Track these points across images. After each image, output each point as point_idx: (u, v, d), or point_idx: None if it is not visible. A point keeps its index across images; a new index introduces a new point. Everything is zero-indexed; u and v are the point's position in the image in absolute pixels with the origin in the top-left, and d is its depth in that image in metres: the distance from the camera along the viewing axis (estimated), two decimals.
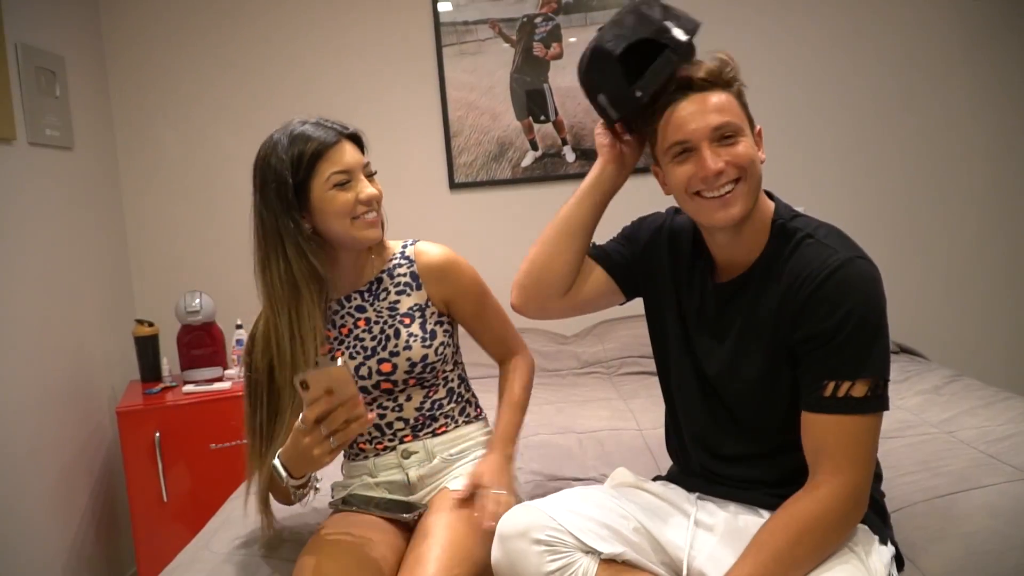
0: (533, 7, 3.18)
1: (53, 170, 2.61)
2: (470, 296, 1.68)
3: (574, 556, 1.32)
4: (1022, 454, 1.73)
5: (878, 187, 3.23)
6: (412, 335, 1.60)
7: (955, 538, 1.48)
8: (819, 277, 1.28)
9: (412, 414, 1.63)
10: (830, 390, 1.26)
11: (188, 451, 2.60)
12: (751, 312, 1.38)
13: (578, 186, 1.61)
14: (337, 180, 1.53)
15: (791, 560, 1.24)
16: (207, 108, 3.20)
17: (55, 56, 2.65)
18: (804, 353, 1.30)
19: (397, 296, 1.64)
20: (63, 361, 2.54)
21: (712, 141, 1.31)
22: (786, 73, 3.19)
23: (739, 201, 1.32)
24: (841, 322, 1.25)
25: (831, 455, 1.26)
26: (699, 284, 1.47)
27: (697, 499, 1.47)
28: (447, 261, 1.66)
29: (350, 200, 1.53)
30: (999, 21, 3.16)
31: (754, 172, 1.33)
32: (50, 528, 2.36)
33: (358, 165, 1.56)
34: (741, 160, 1.31)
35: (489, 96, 3.20)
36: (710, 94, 1.32)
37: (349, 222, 1.54)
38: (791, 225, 1.38)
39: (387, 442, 1.64)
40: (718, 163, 1.30)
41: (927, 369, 2.54)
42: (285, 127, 1.59)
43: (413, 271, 1.66)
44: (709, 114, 1.31)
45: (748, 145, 1.32)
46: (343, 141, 1.56)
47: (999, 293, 3.26)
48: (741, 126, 1.32)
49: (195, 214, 3.23)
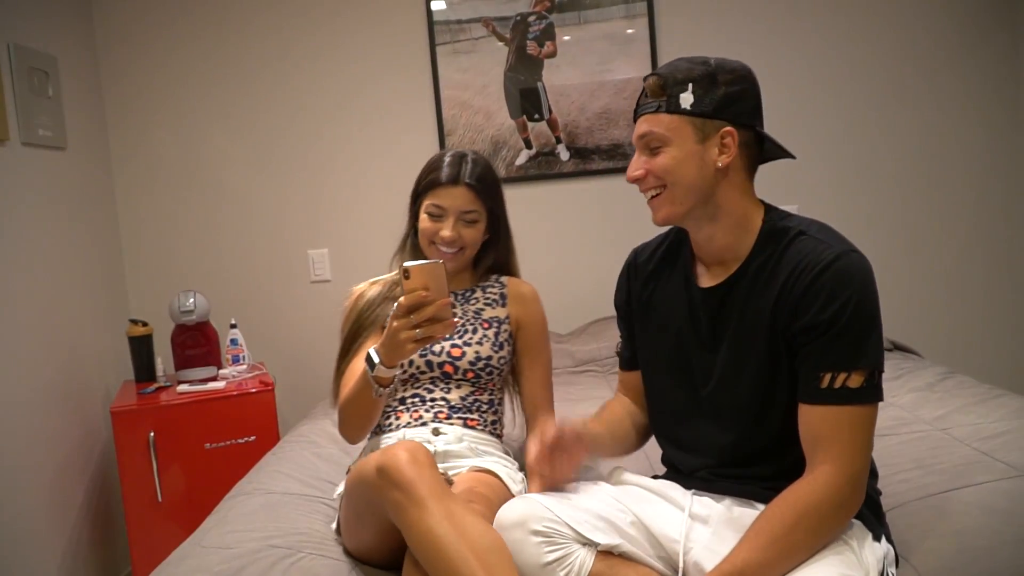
0: (527, 5, 3.17)
1: (46, 170, 2.60)
2: (536, 328, 1.90)
3: (571, 547, 1.34)
4: (1015, 451, 1.73)
5: (871, 186, 3.24)
6: (486, 337, 1.83)
7: (948, 535, 1.48)
8: (816, 268, 1.31)
9: (456, 400, 1.79)
10: (827, 381, 1.29)
11: (182, 451, 2.60)
12: (745, 311, 1.40)
13: (572, 185, 1.68)
14: (431, 211, 1.80)
15: (788, 545, 1.26)
16: (200, 108, 3.20)
17: (48, 56, 2.64)
18: (801, 344, 1.33)
19: (484, 306, 1.89)
20: (57, 361, 2.54)
21: (641, 150, 1.42)
22: (778, 72, 3.19)
23: (662, 207, 1.42)
24: (838, 312, 1.29)
25: (828, 445, 1.29)
26: (684, 294, 1.50)
27: (693, 494, 1.48)
28: (533, 292, 1.93)
29: (432, 230, 1.80)
30: (991, 20, 3.17)
31: (680, 181, 1.39)
32: (44, 528, 2.36)
33: (456, 210, 1.79)
34: (656, 170, 1.39)
35: (483, 95, 3.20)
36: (648, 105, 1.41)
37: (428, 244, 1.83)
38: (781, 225, 1.41)
39: (423, 412, 1.77)
40: (636, 170, 1.42)
41: (920, 366, 2.54)
42: (451, 147, 2.06)
43: (503, 292, 1.91)
44: (640, 124, 1.42)
45: (672, 157, 1.38)
46: (459, 186, 1.78)
47: (992, 290, 3.27)
48: (667, 137, 1.38)
49: (189, 214, 3.22)
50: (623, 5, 3.17)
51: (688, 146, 1.37)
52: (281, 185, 3.22)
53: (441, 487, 1.37)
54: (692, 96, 1.37)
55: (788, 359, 1.36)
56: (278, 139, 3.22)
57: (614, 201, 3.19)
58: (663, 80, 1.39)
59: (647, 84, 1.42)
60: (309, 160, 3.22)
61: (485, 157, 1.92)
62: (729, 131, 1.38)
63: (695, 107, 1.37)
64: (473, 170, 1.80)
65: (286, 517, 1.74)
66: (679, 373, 1.50)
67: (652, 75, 1.41)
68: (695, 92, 1.37)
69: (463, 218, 1.79)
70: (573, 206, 3.23)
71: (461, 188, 1.78)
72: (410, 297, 1.49)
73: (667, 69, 1.41)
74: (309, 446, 2.24)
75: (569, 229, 3.27)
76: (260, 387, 2.70)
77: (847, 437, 1.29)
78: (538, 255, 3.28)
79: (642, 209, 1.65)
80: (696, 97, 1.37)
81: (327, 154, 3.23)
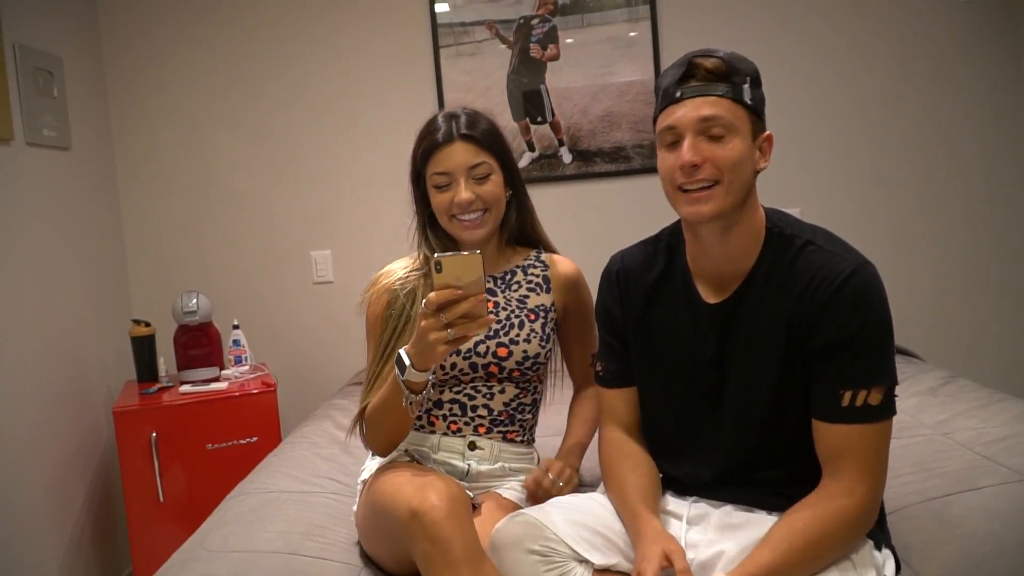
0: (530, 8, 3.18)
1: (51, 170, 2.61)
2: (585, 312, 1.76)
3: (568, 566, 1.33)
4: (1018, 456, 1.73)
5: (874, 189, 3.23)
6: (534, 331, 1.68)
7: (951, 540, 1.48)
8: (835, 283, 1.28)
9: (499, 407, 1.68)
10: (848, 399, 1.27)
11: (184, 451, 2.60)
12: (755, 327, 1.35)
13: (575, 187, 1.60)
14: (436, 182, 1.62)
15: (810, 557, 1.25)
16: (204, 108, 3.20)
17: (53, 56, 2.65)
18: (820, 361, 1.30)
19: (528, 292, 1.72)
20: (59, 361, 2.54)
21: (698, 133, 1.29)
22: (782, 75, 3.19)
23: (712, 201, 1.29)
24: (860, 329, 1.26)
25: (851, 464, 1.27)
26: (686, 310, 1.42)
27: (691, 502, 1.46)
28: (578, 274, 1.78)
29: (446, 201, 1.61)
30: (992, 24, 3.17)
31: (738, 177, 1.30)
32: (46, 528, 2.36)
33: (461, 167, 1.60)
34: (720, 161, 1.28)
35: (486, 97, 3.20)
36: (712, 86, 1.29)
37: (448, 220, 1.63)
38: (787, 232, 1.36)
39: (462, 424, 1.67)
40: (695, 156, 1.28)
41: (923, 370, 2.54)
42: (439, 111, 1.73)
43: (546, 275, 1.75)
44: (701, 106, 1.28)
45: (736, 148, 1.28)
46: (455, 142, 1.60)
47: (995, 294, 3.27)
48: (736, 127, 1.28)
49: (192, 214, 3.23)
50: (626, 8, 3.17)
51: (747, 142, 1.30)
52: (284, 187, 3.23)
53: (476, 550, 1.30)
54: (751, 91, 1.30)
55: (803, 375, 1.33)
56: (282, 141, 3.22)
57: (617, 204, 3.19)
58: (727, 65, 1.28)
59: (705, 64, 1.29)
60: (312, 161, 3.22)
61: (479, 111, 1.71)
62: (769, 136, 1.35)
63: (753, 103, 1.30)
64: (468, 121, 1.62)
65: (287, 519, 1.74)
66: (685, 392, 1.44)
67: (706, 55, 1.30)
68: (752, 88, 1.30)
69: (473, 175, 1.60)
70: (576, 209, 3.23)
71: (459, 143, 1.60)
72: (440, 294, 1.34)
73: (725, 56, 1.30)
74: (311, 447, 2.24)
75: (572, 232, 3.25)
76: (262, 388, 2.70)
77: (871, 455, 1.27)
78: None
79: (644, 212, 1.65)
80: (753, 94, 1.30)
81: (330, 155, 3.23)
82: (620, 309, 1.51)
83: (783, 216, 1.41)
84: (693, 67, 1.30)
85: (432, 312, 1.36)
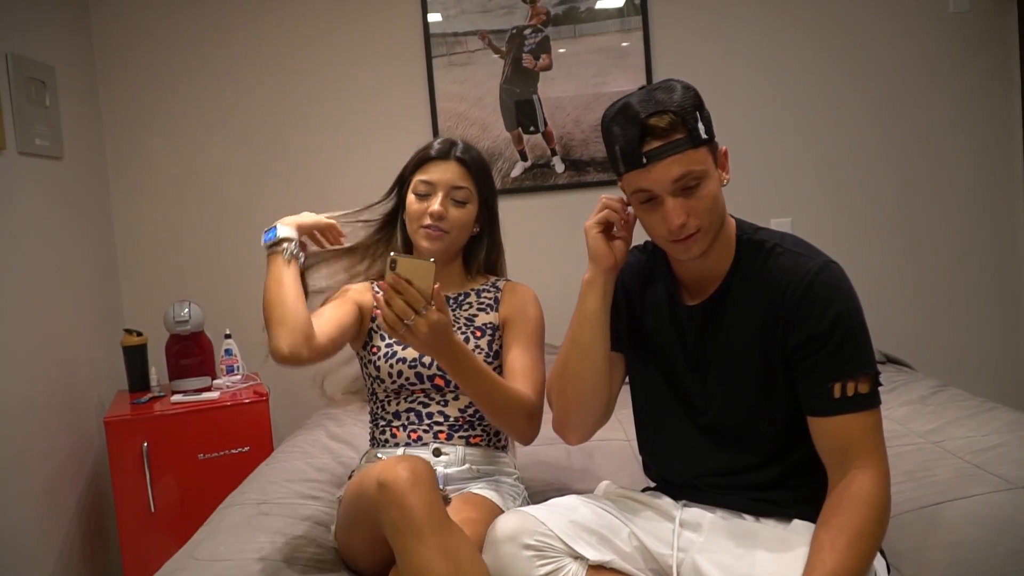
0: (522, 19, 3.19)
1: (43, 180, 2.61)
2: (529, 326, 1.76)
3: (563, 561, 1.35)
4: (1007, 464, 1.74)
5: (864, 199, 3.25)
6: (479, 348, 1.73)
7: (940, 548, 1.49)
8: (804, 282, 1.34)
9: (455, 413, 1.71)
10: (839, 391, 1.31)
11: (176, 461, 2.59)
12: (732, 330, 1.41)
13: (567, 197, 1.62)
14: (419, 189, 1.71)
15: (865, 546, 1.26)
16: (197, 118, 3.20)
17: (45, 66, 2.65)
18: (801, 358, 1.34)
19: (477, 311, 1.78)
20: (51, 370, 2.53)
21: (674, 193, 1.33)
22: (773, 84, 3.21)
23: (698, 244, 1.36)
24: (835, 322, 1.31)
25: (859, 451, 1.31)
26: (668, 312, 1.49)
27: (683, 505, 1.49)
28: (526, 289, 1.83)
29: (420, 210, 1.70)
30: (982, 36, 3.19)
31: (716, 213, 1.36)
32: (36, 539, 2.35)
33: (446, 184, 1.70)
34: (700, 211, 1.33)
35: (479, 107, 3.21)
36: (673, 144, 1.31)
37: (415, 228, 1.71)
38: (756, 238, 1.43)
39: (422, 432, 1.69)
40: (680, 216, 1.32)
41: (913, 379, 2.55)
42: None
43: (497, 296, 1.81)
44: (671, 167, 1.31)
45: (710, 190, 1.34)
46: (450, 160, 1.71)
47: (985, 303, 3.29)
48: (704, 172, 1.33)
49: (184, 224, 3.22)
50: (618, 19, 3.19)
51: (715, 175, 1.36)
52: (276, 196, 3.23)
53: (441, 516, 1.34)
54: (702, 122, 1.33)
55: (784, 374, 1.37)
56: (274, 150, 3.22)
57: None
58: (676, 116, 1.30)
59: (655, 123, 1.30)
60: (304, 171, 3.22)
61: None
62: (724, 150, 1.39)
63: (707, 133, 1.34)
64: (465, 149, 1.74)
65: (279, 529, 1.74)
66: (670, 393, 1.49)
67: (657, 113, 1.30)
68: (701, 118, 1.33)
69: (453, 195, 1.70)
70: (568, 218, 3.23)
71: (452, 163, 1.71)
72: (393, 278, 1.38)
73: (665, 103, 1.31)
74: (303, 457, 2.24)
75: (564, 240, 3.27)
76: (254, 397, 2.69)
77: (872, 440, 1.32)
78: (533, 266, 3.28)
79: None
80: (704, 123, 1.34)
81: (322, 165, 3.24)
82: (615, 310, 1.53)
83: (750, 224, 1.47)
84: (646, 128, 1.31)
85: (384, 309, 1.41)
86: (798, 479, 1.40)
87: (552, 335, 2.01)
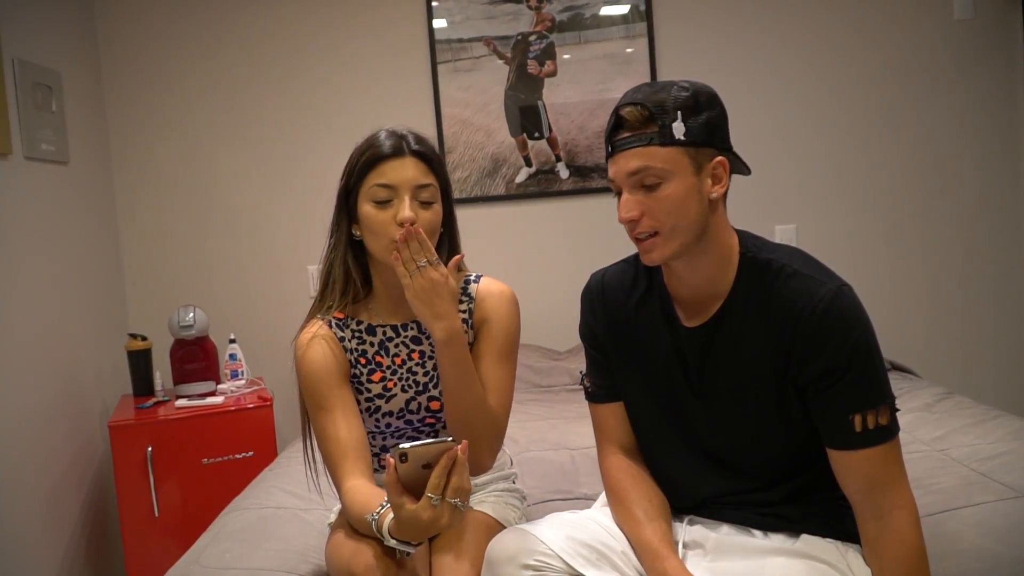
0: (527, 25, 3.20)
1: (49, 184, 2.61)
2: (502, 336, 1.53)
3: None
4: (1013, 472, 1.74)
5: (869, 206, 3.25)
6: None
7: (947, 556, 1.48)
8: (818, 310, 1.27)
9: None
10: (859, 424, 1.27)
11: (180, 466, 2.59)
12: (738, 355, 1.35)
13: (571, 203, 1.58)
14: (376, 195, 1.44)
15: None
16: (202, 123, 3.21)
17: (52, 71, 2.66)
18: (818, 391, 1.29)
19: None
20: (55, 374, 2.54)
21: (632, 187, 1.29)
22: (777, 90, 3.21)
23: (655, 250, 1.31)
24: (852, 353, 1.26)
25: (886, 489, 1.28)
26: (667, 334, 1.42)
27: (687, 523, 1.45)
28: (503, 291, 1.56)
29: (385, 220, 1.42)
30: (987, 43, 3.19)
31: (680, 221, 1.29)
32: (40, 543, 2.35)
33: (408, 184, 1.43)
34: (656, 212, 1.28)
35: (483, 113, 3.22)
36: (638, 136, 1.28)
37: (383, 244, 1.43)
38: (762, 257, 1.35)
39: None
40: (630, 211, 1.29)
41: (919, 387, 2.55)
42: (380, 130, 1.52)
43: (471, 307, 1.55)
44: (630, 159, 1.28)
45: (672, 193, 1.28)
46: (406, 156, 1.45)
47: (990, 310, 3.28)
48: (667, 172, 1.27)
49: (189, 229, 3.23)
50: (623, 25, 3.19)
51: (688, 180, 1.28)
52: (282, 201, 3.23)
53: None
54: (683, 125, 1.27)
55: (798, 400, 1.32)
56: (279, 155, 3.23)
57: (613, 219, 3.17)
58: (648, 110, 1.27)
59: (626, 113, 1.28)
60: (309, 177, 3.23)
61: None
62: (722, 160, 1.31)
63: (688, 136, 1.27)
64: (418, 139, 1.48)
65: (284, 536, 1.73)
66: (672, 417, 1.43)
67: (630, 104, 1.28)
68: (685, 120, 1.27)
69: (419, 197, 1.44)
70: (572, 224, 3.24)
71: (409, 158, 1.45)
72: (411, 482, 1.18)
73: (647, 97, 1.28)
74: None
75: (568, 246, 3.27)
76: (258, 402, 2.69)
77: (898, 472, 1.29)
78: (537, 272, 3.29)
79: None
80: (687, 126, 1.27)
81: (327, 170, 3.21)
82: (602, 326, 1.49)
83: (756, 239, 1.40)
84: (619, 118, 1.30)
85: (423, 500, 1.17)
86: (808, 495, 1.37)
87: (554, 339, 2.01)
